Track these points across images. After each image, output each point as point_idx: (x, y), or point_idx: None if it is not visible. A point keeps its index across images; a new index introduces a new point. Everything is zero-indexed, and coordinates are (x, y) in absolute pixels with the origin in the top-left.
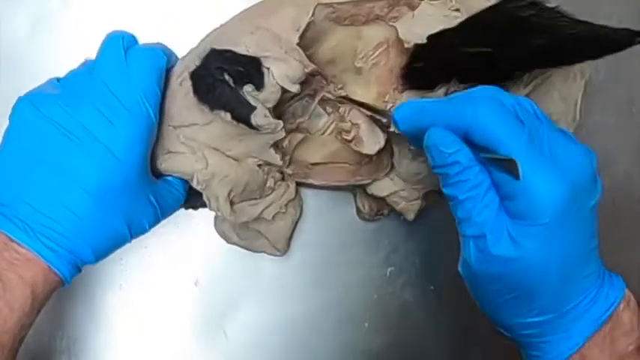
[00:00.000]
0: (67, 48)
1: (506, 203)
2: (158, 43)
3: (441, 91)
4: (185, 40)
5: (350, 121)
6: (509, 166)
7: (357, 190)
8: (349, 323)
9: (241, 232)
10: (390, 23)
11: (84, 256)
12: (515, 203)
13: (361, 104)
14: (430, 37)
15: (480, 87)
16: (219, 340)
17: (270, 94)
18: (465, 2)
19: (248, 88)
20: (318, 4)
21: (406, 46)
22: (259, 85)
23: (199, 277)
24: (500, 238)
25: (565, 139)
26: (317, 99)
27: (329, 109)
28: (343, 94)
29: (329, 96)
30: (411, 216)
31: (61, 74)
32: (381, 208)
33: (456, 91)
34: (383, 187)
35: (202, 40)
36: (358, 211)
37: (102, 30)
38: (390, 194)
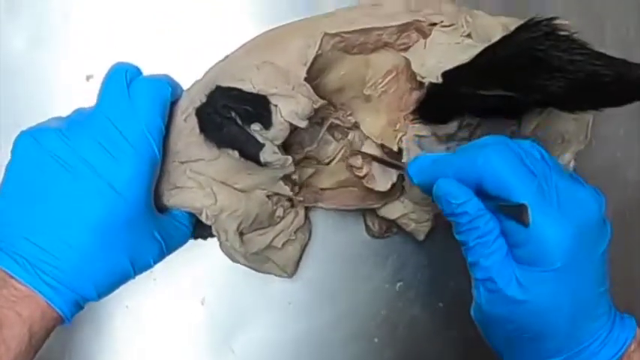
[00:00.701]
0: (67, 64)
1: (515, 251)
2: (163, 75)
3: (453, 124)
4: (187, 52)
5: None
6: (519, 215)
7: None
8: (358, 339)
9: (249, 256)
10: (401, 52)
11: (85, 293)
12: (523, 250)
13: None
14: (445, 75)
15: (487, 137)
16: (227, 358)
17: (278, 131)
18: (477, 27)
19: (256, 127)
20: (325, 34)
21: (418, 79)
22: (267, 124)
23: (206, 296)
24: (508, 283)
25: (573, 184)
26: (325, 126)
27: (338, 135)
28: (352, 120)
29: (337, 122)
30: (421, 237)
31: (61, 91)
32: (390, 227)
33: (469, 123)
34: (393, 210)
35: (207, 73)
36: (367, 228)
37: (102, 47)
38: (400, 217)
